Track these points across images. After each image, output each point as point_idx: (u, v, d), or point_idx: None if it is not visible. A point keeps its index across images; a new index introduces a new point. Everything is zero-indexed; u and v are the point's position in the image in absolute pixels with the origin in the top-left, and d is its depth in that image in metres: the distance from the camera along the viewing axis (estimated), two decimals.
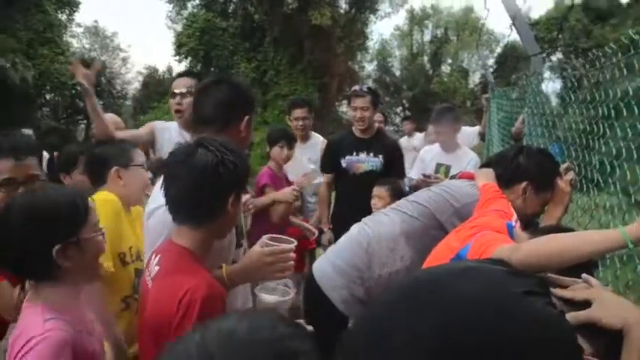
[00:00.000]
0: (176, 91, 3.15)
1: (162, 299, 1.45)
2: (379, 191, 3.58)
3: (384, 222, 2.40)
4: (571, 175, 2.13)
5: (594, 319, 1.05)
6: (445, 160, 4.35)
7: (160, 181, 1.65)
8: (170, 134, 3.17)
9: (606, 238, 1.34)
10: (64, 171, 3.04)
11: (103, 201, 2.11)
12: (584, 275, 1.13)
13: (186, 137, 2.86)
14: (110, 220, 2.07)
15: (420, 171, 4.33)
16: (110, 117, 4.13)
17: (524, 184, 2.05)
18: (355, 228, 2.50)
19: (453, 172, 4.05)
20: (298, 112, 4.45)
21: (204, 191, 1.50)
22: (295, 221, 3.95)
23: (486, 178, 2.18)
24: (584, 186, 2.75)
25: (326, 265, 2.43)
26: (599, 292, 1.07)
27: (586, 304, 1.06)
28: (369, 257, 2.31)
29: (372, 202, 3.57)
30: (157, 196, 1.67)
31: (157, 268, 1.54)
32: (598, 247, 1.34)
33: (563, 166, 2.17)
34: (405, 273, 2.18)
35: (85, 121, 27.27)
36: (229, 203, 1.53)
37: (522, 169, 2.09)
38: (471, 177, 2.34)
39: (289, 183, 3.87)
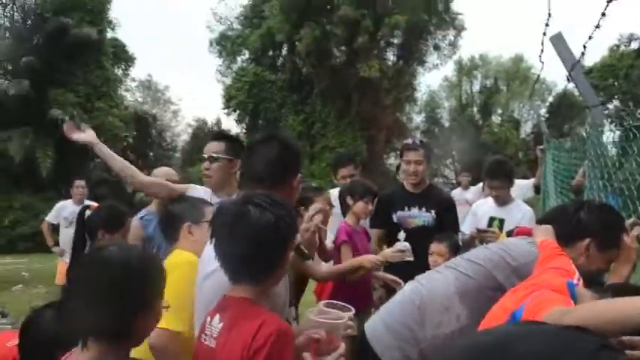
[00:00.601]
0: (205, 155, 3.16)
1: (232, 345, 1.45)
2: (438, 248, 3.53)
3: (437, 279, 2.34)
4: (637, 230, 2.05)
5: None
6: (498, 213, 4.28)
7: (211, 242, 1.63)
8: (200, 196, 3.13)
9: None
10: (107, 229, 3.10)
11: (191, 264, 2.11)
12: None
13: (216, 200, 2.89)
14: (192, 285, 2.03)
15: (472, 225, 4.26)
16: (165, 170, 4.14)
17: (587, 241, 1.97)
18: (408, 286, 2.45)
19: (506, 225, 4.05)
20: (344, 172, 4.39)
21: (265, 250, 1.52)
22: (379, 274, 3.66)
23: (545, 234, 2.09)
24: None
25: (378, 324, 2.35)
26: None
27: None
28: (422, 316, 2.23)
29: (431, 259, 3.49)
30: (212, 257, 1.63)
31: (220, 325, 1.53)
32: None
33: (629, 222, 2.09)
34: (460, 334, 2.08)
35: None
36: (287, 257, 1.57)
37: (584, 225, 2.01)
38: (528, 232, 2.29)
39: (367, 235, 3.79)
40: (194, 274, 2.00)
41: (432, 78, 64.69)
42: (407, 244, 3.28)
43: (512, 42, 44.14)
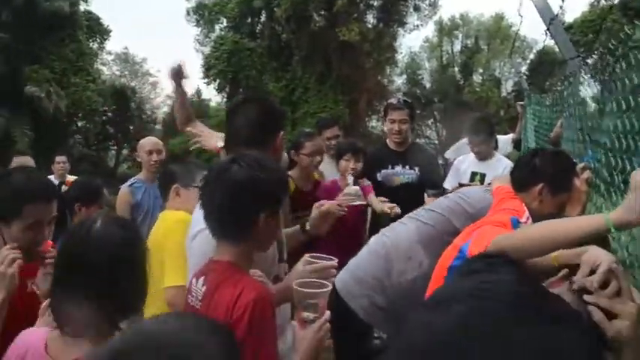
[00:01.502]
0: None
1: (213, 312, 1.45)
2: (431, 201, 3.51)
3: (400, 230, 2.47)
4: (587, 174, 2.13)
5: (610, 333, 1.20)
6: (480, 168, 4.37)
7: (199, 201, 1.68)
8: None
9: (590, 223, 1.37)
10: (83, 203, 3.10)
11: (186, 223, 2.14)
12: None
13: None
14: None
15: (454, 180, 4.36)
16: (154, 141, 4.24)
17: (539, 185, 2.06)
18: (374, 239, 2.58)
19: (487, 179, 4.08)
20: (329, 133, 4.40)
21: (238, 207, 1.52)
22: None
23: (500, 182, 2.26)
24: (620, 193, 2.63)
25: (346, 276, 2.46)
26: (630, 310, 1.21)
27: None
28: (387, 265, 2.37)
29: None
30: (201, 219, 1.66)
31: (203, 288, 1.55)
32: (583, 231, 1.35)
33: (579, 166, 2.17)
34: (423, 279, 2.14)
35: (115, 147, 27.62)
36: (261, 219, 1.53)
37: (538, 170, 2.10)
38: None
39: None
40: (184, 230, 2.09)
41: (413, 39, 64.16)
42: (356, 188, 3.29)
43: (492, 0, 43.74)
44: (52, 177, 6.89)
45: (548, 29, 3.92)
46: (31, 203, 1.79)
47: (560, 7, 3.89)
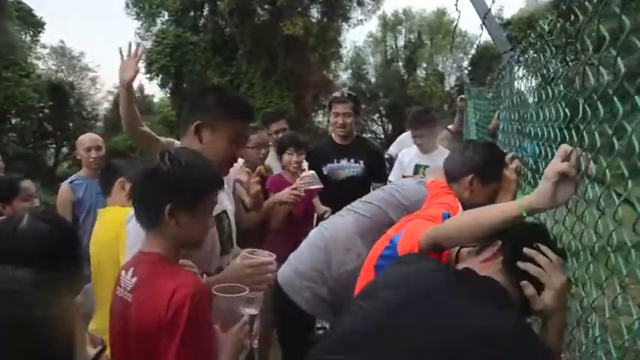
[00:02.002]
0: None
1: (147, 305, 1.44)
2: None
3: (339, 223, 2.51)
4: (516, 163, 2.15)
5: (538, 306, 1.33)
6: (424, 161, 4.34)
7: None
8: None
9: (504, 210, 1.42)
10: (3, 202, 3.07)
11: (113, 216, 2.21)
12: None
13: None
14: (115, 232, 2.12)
15: (399, 173, 4.38)
16: (92, 137, 4.17)
17: (470, 176, 2.09)
18: (313, 232, 2.61)
19: None
20: (275, 126, 4.33)
21: (144, 199, 1.57)
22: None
23: (435, 174, 2.30)
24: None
25: (288, 269, 2.49)
26: (557, 282, 1.33)
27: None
28: (327, 258, 2.40)
29: None
30: None
31: (134, 279, 1.52)
32: (498, 219, 1.40)
33: (508, 156, 2.20)
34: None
35: (54, 146, 26.57)
36: (165, 212, 1.51)
37: (468, 162, 2.14)
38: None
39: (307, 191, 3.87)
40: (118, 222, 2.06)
41: (357, 34, 64.81)
42: (312, 172, 3.40)
43: None
44: None
45: (483, 22, 4.02)
46: None
47: (493, 1, 3.99)
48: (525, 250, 1.37)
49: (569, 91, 1.89)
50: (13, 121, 23.68)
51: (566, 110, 1.89)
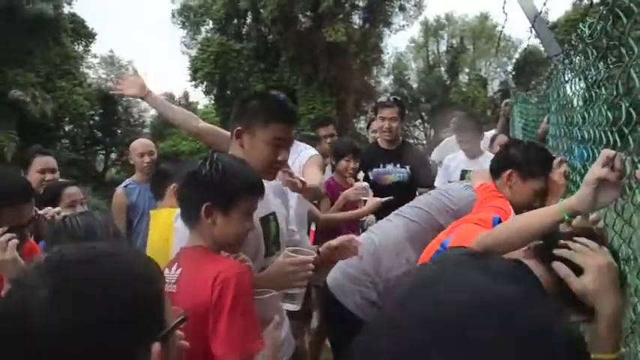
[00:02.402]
0: None
1: (192, 289, 1.48)
2: None
3: (388, 228, 2.53)
4: (564, 167, 2.16)
5: (576, 288, 1.28)
6: (469, 166, 4.27)
7: None
8: None
9: (547, 213, 1.41)
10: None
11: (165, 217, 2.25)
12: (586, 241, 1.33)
13: None
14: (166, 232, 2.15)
15: (445, 179, 4.33)
16: (144, 142, 4.19)
17: (509, 171, 2.14)
18: (362, 237, 2.58)
19: None
20: (323, 131, 4.34)
21: (187, 198, 1.67)
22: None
23: (482, 177, 2.32)
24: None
25: (338, 274, 2.51)
26: (594, 262, 1.28)
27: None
28: (376, 262, 2.41)
29: None
30: None
31: (178, 271, 1.59)
32: (542, 223, 1.39)
33: (556, 160, 2.20)
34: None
35: (103, 152, 27.45)
36: (202, 211, 1.58)
37: (509, 157, 2.20)
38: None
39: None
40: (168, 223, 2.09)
41: (399, 40, 64.46)
42: (366, 184, 3.50)
43: (477, 0, 44.08)
44: None
45: (532, 26, 3.97)
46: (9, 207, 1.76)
47: (544, 4, 3.94)
48: (559, 239, 1.37)
49: (611, 94, 1.88)
50: (66, 129, 24.64)
51: (609, 113, 1.89)
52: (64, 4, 22.36)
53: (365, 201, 3.53)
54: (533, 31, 4.05)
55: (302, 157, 3.04)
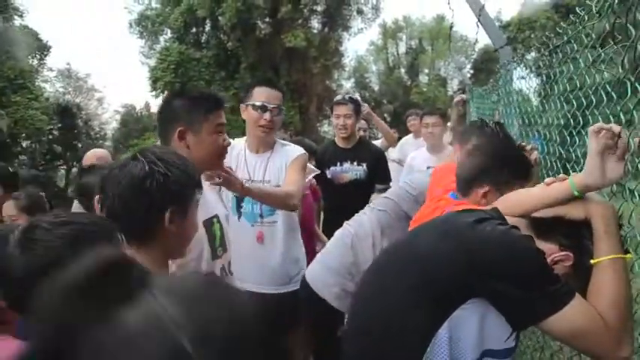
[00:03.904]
0: (268, 104, 2.86)
1: None
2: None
3: (363, 220, 2.55)
4: (535, 154, 2.18)
5: (559, 213, 1.34)
6: (433, 162, 4.33)
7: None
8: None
9: (557, 189, 1.39)
10: None
11: None
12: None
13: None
14: None
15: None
16: (100, 153, 4.01)
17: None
18: (340, 231, 2.64)
19: None
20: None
21: (132, 207, 1.36)
22: (322, 237, 3.90)
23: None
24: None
25: (317, 267, 2.55)
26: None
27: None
28: (354, 254, 2.44)
29: None
30: None
31: None
32: (550, 198, 1.39)
33: (527, 147, 2.20)
34: None
35: (64, 167, 26.87)
36: (166, 220, 1.37)
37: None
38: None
39: (314, 192, 4.05)
40: None
41: (358, 43, 65.18)
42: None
43: (431, 3, 44.87)
44: None
45: (478, 19, 4.07)
46: None
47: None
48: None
49: (615, 73, 1.83)
50: (24, 144, 24.03)
51: (613, 93, 1.87)
52: (14, 17, 21.82)
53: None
54: (479, 25, 4.18)
55: (288, 158, 2.86)
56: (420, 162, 4.53)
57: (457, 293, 1.27)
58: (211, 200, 2.04)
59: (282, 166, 2.80)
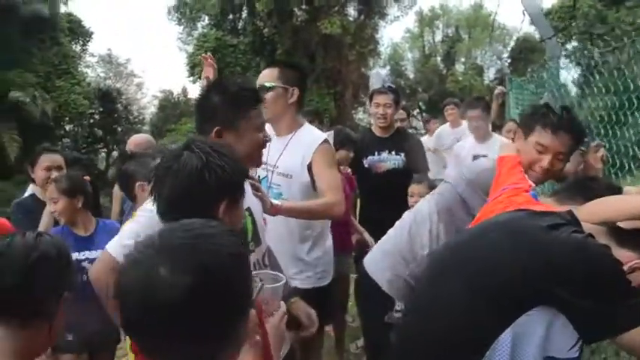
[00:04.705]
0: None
1: None
2: (418, 189, 3.54)
3: (422, 206, 2.53)
4: (601, 151, 2.16)
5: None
6: (480, 150, 4.39)
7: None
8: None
9: None
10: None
11: None
12: None
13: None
14: None
15: (457, 166, 4.41)
16: (146, 138, 4.30)
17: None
18: (404, 216, 2.62)
19: None
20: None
21: (191, 197, 1.39)
22: (358, 228, 3.89)
23: (507, 150, 2.26)
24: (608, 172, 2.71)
25: (375, 251, 2.56)
26: None
27: None
28: (411, 239, 2.40)
29: (412, 200, 3.50)
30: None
31: None
32: (636, 208, 1.33)
33: (593, 144, 2.21)
34: None
35: (105, 150, 27.61)
36: (220, 210, 1.42)
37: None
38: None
39: (350, 182, 3.99)
40: None
41: (394, 30, 64.49)
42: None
43: None
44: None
45: (525, 9, 4.06)
46: None
47: None
48: None
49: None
50: (67, 128, 24.79)
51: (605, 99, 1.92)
52: (60, 3, 22.43)
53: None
54: (526, 15, 4.15)
55: (308, 148, 2.59)
56: (466, 152, 4.57)
57: (527, 299, 1.25)
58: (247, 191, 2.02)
59: (297, 157, 2.58)
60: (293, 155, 2.59)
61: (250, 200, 2.00)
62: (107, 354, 3.07)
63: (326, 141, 2.61)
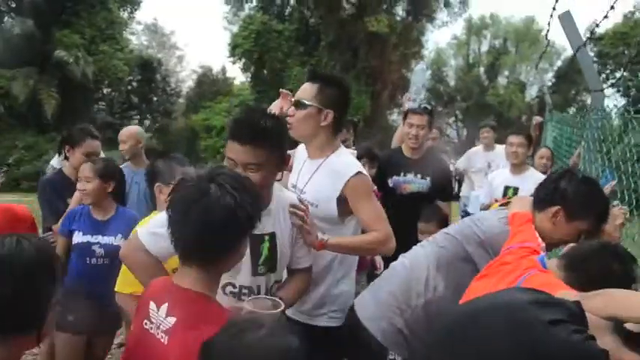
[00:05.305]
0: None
1: (192, 354, 1.22)
2: (426, 228, 3.48)
3: (419, 254, 2.43)
4: (621, 218, 2.10)
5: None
6: (513, 182, 4.41)
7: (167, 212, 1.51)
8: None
9: None
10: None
11: None
12: None
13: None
14: None
15: (489, 194, 4.51)
16: (134, 129, 4.27)
17: (556, 208, 2.01)
18: (395, 262, 2.51)
19: (520, 193, 4.04)
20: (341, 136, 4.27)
21: (217, 235, 1.39)
22: None
23: (520, 205, 2.18)
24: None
25: (367, 296, 2.43)
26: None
27: None
28: (407, 288, 2.31)
29: (422, 237, 3.38)
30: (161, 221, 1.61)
31: (171, 320, 1.40)
32: None
33: (614, 210, 2.12)
34: (437, 304, 2.20)
35: (138, 117, 28.00)
36: (242, 244, 1.49)
37: (559, 192, 2.04)
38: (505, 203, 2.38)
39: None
40: None
41: (441, 35, 63.81)
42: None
43: (524, 2, 43.13)
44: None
45: (575, 55, 3.96)
46: None
47: (588, 38, 3.88)
48: None
49: None
50: (105, 92, 25.18)
51: None
52: None
53: None
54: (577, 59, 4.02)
55: (338, 179, 2.40)
56: (499, 181, 4.54)
57: None
58: (273, 216, 1.99)
59: (326, 186, 2.42)
60: (322, 183, 2.45)
61: (278, 226, 1.99)
62: (106, 338, 3.12)
63: (359, 173, 2.41)
